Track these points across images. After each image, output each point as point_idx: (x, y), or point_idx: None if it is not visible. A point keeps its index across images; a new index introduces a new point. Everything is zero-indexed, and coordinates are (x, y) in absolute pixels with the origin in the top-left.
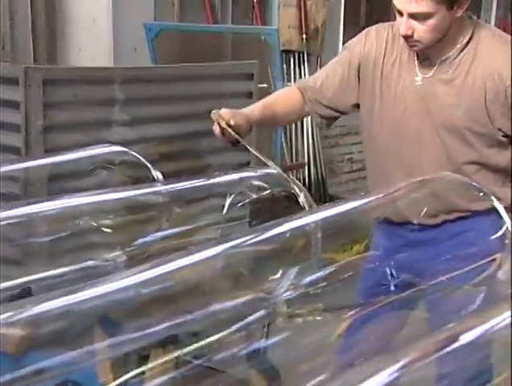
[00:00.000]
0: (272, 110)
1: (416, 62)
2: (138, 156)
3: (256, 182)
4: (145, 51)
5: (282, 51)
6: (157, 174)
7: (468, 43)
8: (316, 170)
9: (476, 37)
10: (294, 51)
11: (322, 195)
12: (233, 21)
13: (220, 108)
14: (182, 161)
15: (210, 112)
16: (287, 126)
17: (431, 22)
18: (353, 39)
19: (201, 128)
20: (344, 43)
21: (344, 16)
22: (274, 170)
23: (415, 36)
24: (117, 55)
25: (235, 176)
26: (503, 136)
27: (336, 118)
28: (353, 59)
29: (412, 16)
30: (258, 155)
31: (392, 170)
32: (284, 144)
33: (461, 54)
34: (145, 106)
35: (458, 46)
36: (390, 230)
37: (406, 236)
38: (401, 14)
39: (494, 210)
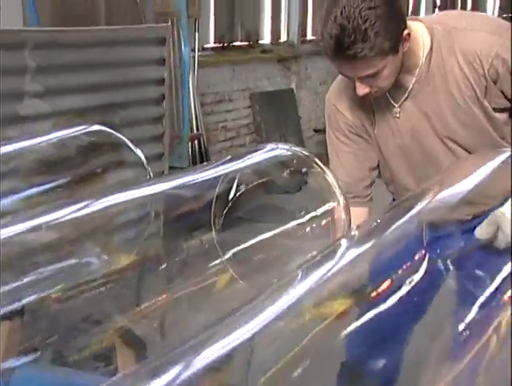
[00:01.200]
0: None
1: (388, 94)
2: (120, 136)
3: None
4: (9, 9)
5: (159, 13)
6: (140, 156)
7: (431, 48)
8: (199, 140)
9: (435, 38)
10: (171, 13)
11: None
12: None
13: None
14: None
15: None
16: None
17: (384, 73)
18: (328, 122)
19: (115, 99)
20: (216, 6)
21: None
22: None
23: (373, 90)
24: None
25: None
26: (499, 110)
27: None
28: (348, 133)
29: (363, 78)
30: None
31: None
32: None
33: (432, 61)
34: (57, 75)
35: (424, 57)
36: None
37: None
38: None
39: None
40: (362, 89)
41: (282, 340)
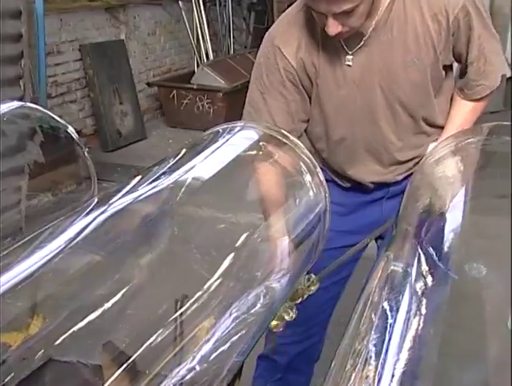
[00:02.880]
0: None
1: (342, 40)
2: (47, 112)
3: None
4: None
5: None
6: (73, 133)
7: None
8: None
9: None
10: None
11: None
12: None
13: None
14: None
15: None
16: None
17: (360, 9)
18: (265, 63)
19: None
20: None
21: None
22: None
23: (345, 29)
24: None
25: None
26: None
27: None
28: (286, 80)
29: (337, 14)
30: None
31: (362, 156)
32: None
33: (393, 10)
34: None
35: (386, 3)
36: (358, 187)
37: (364, 195)
38: (321, 13)
39: None
40: (335, 27)
41: None
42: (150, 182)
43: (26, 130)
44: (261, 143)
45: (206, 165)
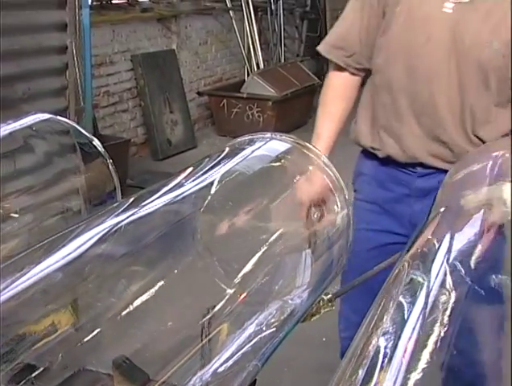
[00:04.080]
0: (338, 123)
1: None
2: (69, 122)
3: None
4: None
5: None
6: (96, 143)
7: None
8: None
9: None
10: None
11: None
12: None
13: None
14: None
15: None
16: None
17: None
18: None
19: (12, 70)
20: None
21: None
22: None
23: None
24: None
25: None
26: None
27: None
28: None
29: None
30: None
31: (403, 110)
32: None
33: None
34: None
35: None
36: (388, 176)
37: (412, 182)
38: None
39: None
40: None
41: None
42: (177, 189)
43: (60, 143)
44: (286, 156)
45: (231, 175)
